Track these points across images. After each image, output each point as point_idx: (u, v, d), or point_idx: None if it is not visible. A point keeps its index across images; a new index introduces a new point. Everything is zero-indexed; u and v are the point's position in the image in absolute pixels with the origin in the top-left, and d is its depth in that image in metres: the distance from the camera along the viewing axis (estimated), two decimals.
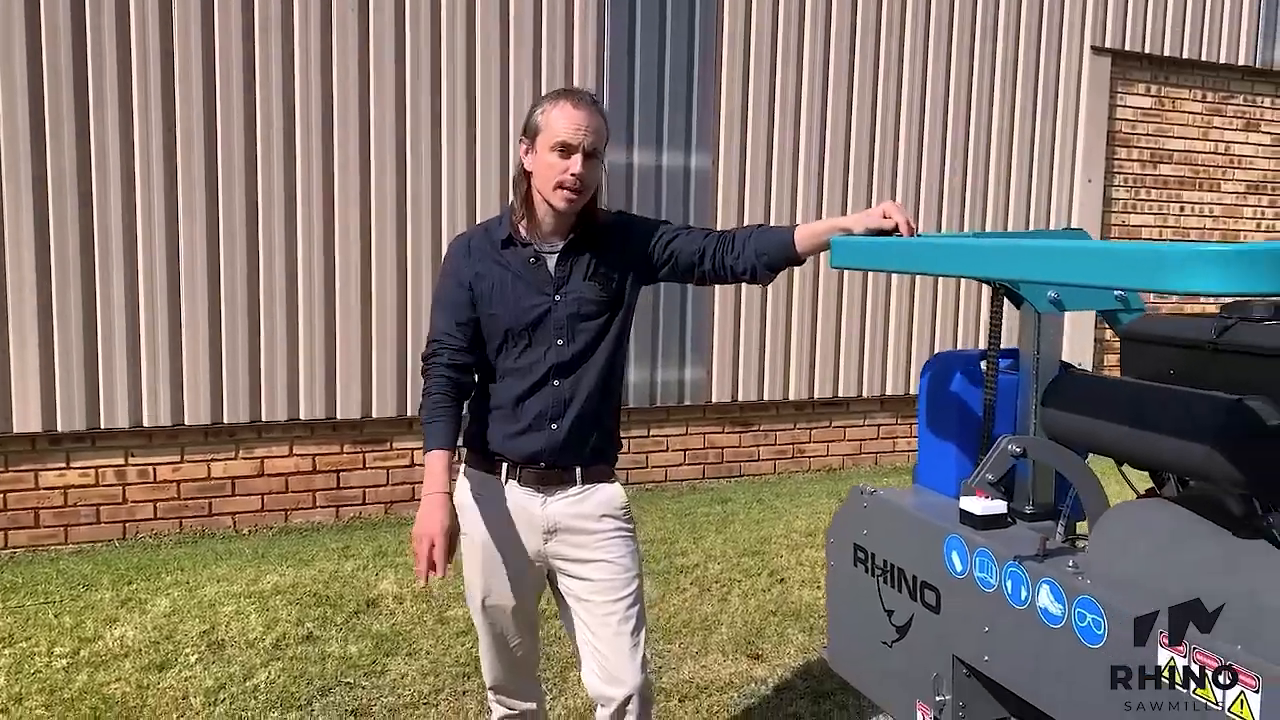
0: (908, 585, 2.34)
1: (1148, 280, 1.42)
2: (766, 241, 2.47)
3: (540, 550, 2.46)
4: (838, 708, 3.57)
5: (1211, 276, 1.33)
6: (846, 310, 6.81)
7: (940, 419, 2.55)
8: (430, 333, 2.49)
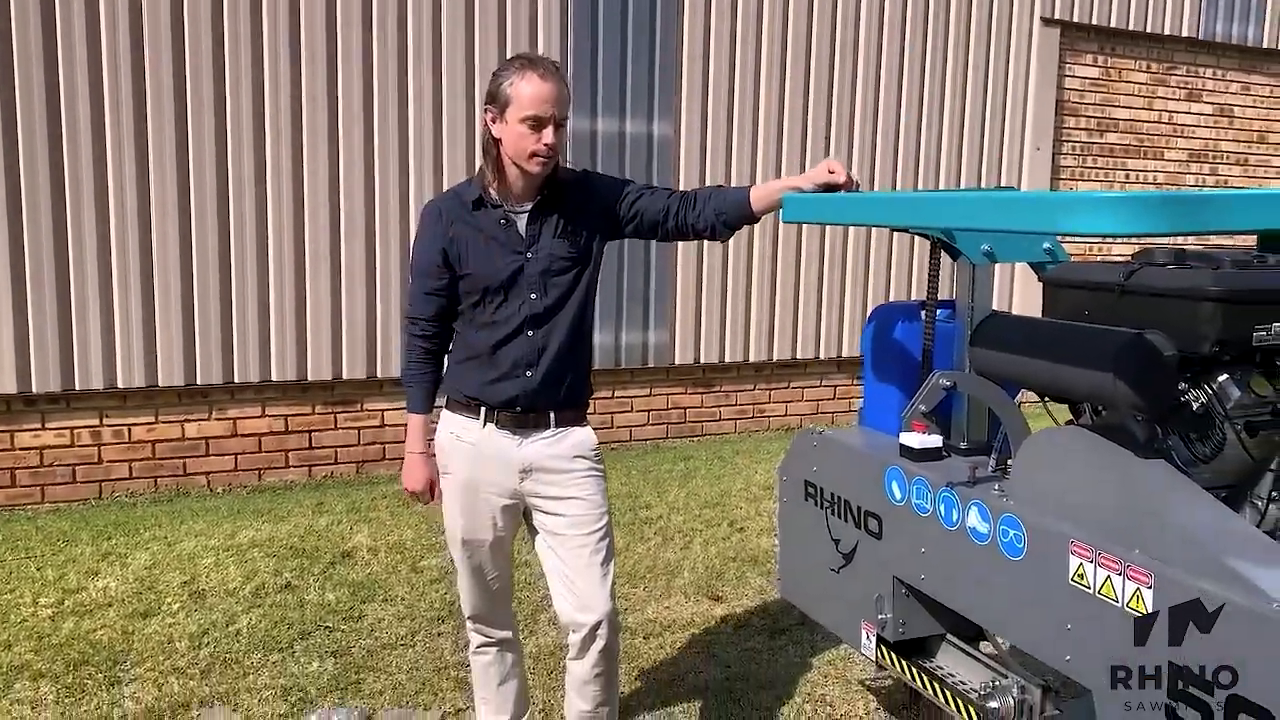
0: (853, 515, 2.54)
1: (1053, 223, 1.62)
2: (724, 201, 2.65)
3: (517, 489, 2.63)
4: (792, 642, 3.79)
5: (1105, 219, 1.53)
6: (804, 275, 7.01)
7: (883, 364, 2.75)
8: (410, 299, 2.70)
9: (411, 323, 2.67)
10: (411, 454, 2.73)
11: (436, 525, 4.96)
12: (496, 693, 2.85)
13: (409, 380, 2.71)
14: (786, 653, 3.72)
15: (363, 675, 3.50)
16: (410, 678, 3.49)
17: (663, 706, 3.33)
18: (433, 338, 2.67)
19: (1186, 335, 1.87)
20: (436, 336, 2.67)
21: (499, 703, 2.86)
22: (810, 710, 3.31)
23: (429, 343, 2.67)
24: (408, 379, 2.71)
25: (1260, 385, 1.89)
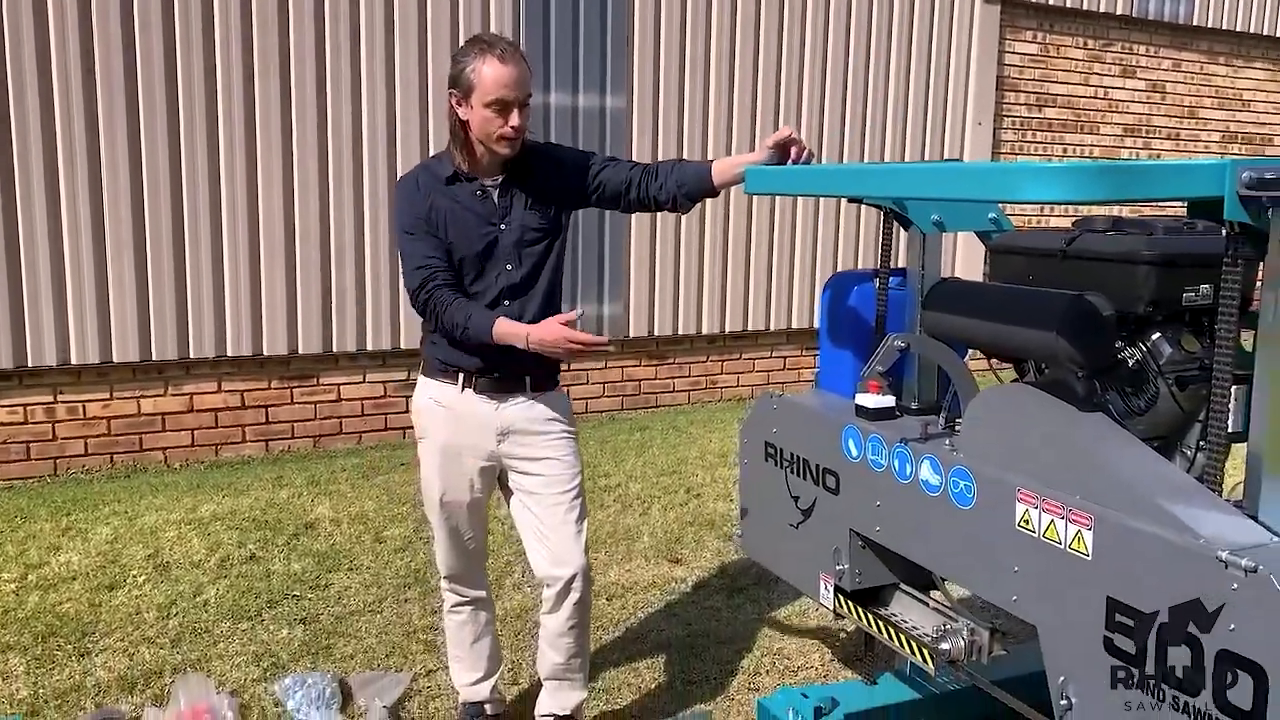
0: (811, 473, 2.67)
1: (1000, 192, 1.75)
2: (686, 174, 2.75)
3: (494, 451, 2.72)
4: (750, 600, 3.94)
5: (1051, 188, 1.65)
6: (754, 249, 7.14)
7: (838, 330, 2.88)
8: (413, 263, 2.61)
9: (428, 280, 2.57)
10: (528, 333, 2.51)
11: (398, 496, 5.04)
12: (470, 651, 2.95)
13: (464, 318, 2.54)
14: (745, 610, 3.86)
15: (333, 641, 3.58)
16: (380, 642, 3.57)
17: (628, 663, 3.46)
18: (455, 285, 2.59)
19: (1123, 297, 2.01)
20: (457, 284, 2.60)
21: (472, 660, 2.96)
22: (769, 663, 3.46)
23: (453, 289, 2.58)
24: (461, 318, 2.54)
25: (1189, 343, 2.05)
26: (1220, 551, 1.63)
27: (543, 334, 2.51)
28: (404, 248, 2.65)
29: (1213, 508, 1.80)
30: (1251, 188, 1.65)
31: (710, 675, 3.38)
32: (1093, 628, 1.85)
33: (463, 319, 2.55)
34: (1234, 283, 1.76)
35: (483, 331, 2.54)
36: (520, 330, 2.53)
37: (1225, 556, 1.62)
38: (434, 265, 2.58)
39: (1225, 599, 1.63)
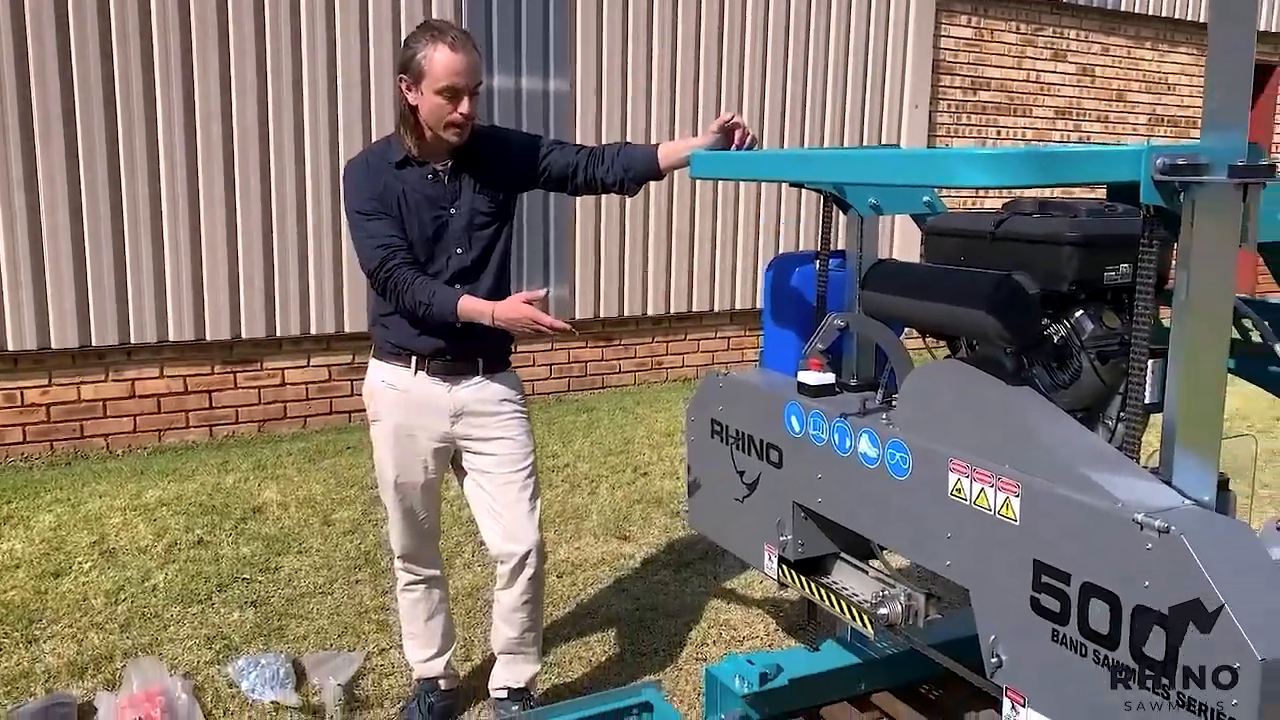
0: (756, 448, 2.76)
1: (934, 177, 1.84)
2: (632, 158, 2.81)
3: (447, 432, 2.77)
4: (697, 575, 4.04)
5: (978, 173, 1.75)
6: (699, 230, 7.22)
7: (781, 310, 2.96)
8: (372, 242, 2.61)
9: (387, 259, 2.58)
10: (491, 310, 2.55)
11: (345, 479, 5.05)
12: (424, 628, 3.00)
13: (426, 296, 2.56)
14: (692, 584, 3.96)
15: (285, 622, 3.60)
16: (332, 623, 3.61)
17: (578, 637, 3.53)
18: (414, 263, 2.60)
19: (1048, 276, 2.12)
20: (416, 262, 2.61)
21: (426, 637, 3.01)
22: (716, 633, 3.56)
23: (414, 266, 2.60)
24: (424, 295, 2.56)
25: (1110, 319, 2.16)
26: (1136, 514, 1.75)
27: (508, 311, 2.54)
28: (360, 228, 2.65)
29: (1131, 474, 1.91)
30: (1165, 173, 1.75)
31: (659, 647, 3.47)
32: (1020, 589, 1.96)
33: (426, 297, 2.56)
34: (1150, 262, 1.87)
35: (447, 310, 2.56)
36: (485, 308, 2.55)
37: (1140, 519, 1.73)
38: (393, 244, 2.59)
39: (1141, 558, 1.74)
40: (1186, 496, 1.86)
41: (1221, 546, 1.71)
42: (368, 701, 3.11)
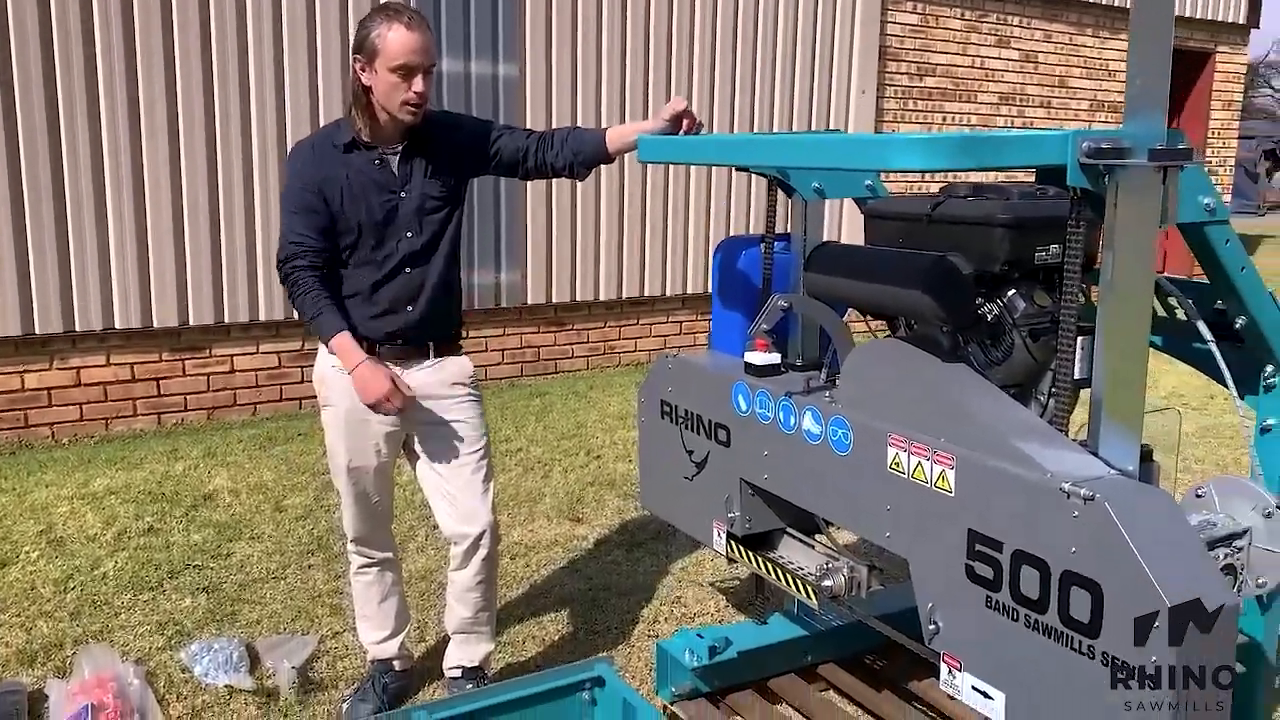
0: (704, 427, 2.81)
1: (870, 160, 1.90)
2: (581, 141, 2.85)
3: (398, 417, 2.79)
4: (649, 554, 4.10)
5: (912, 156, 1.81)
6: (650, 215, 7.26)
7: (728, 293, 3.02)
8: (284, 236, 2.69)
9: (295, 256, 2.65)
10: (359, 367, 2.62)
11: (297, 466, 5.04)
12: (378, 610, 3.02)
13: (315, 309, 2.65)
14: (644, 563, 4.02)
15: (238, 608, 3.60)
16: (285, 607, 3.61)
17: (532, 617, 3.58)
18: (320, 266, 2.67)
19: (981, 257, 2.19)
20: (323, 265, 2.68)
21: (380, 619, 3.03)
22: (667, 611, 3.62)
23: (318, 271, 2.67)
24: (312, 309, 2.65)
25: (1042, 298, 2.24)
26: (1063, 484, 1.83)
27: (366, 379, 2.59)
28: (284, 216, 2.70)
29: (1060, 446, 2.00)
30: (1090, 156, 1.83)
31: (612, 625, 3.52)
32: (956, 558, 2.04)
33: (313, 311, 2.64)
34: (1077, 242, 1.95)
35: (323, 334, 2.64)
36: (353, 358, 2.61)
37: (1067, 488, 1.82)
38: (304, 244, 2.64)
39: (1068, 525, 1.82)
40: (1112, 467, 1.94)
41: (1143, 513, 1.80)
42: (322, 684, 3.13)
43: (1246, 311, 2.19)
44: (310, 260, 2.66)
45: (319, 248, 2.67)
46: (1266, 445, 2.31)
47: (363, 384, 2.61)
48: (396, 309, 2.70)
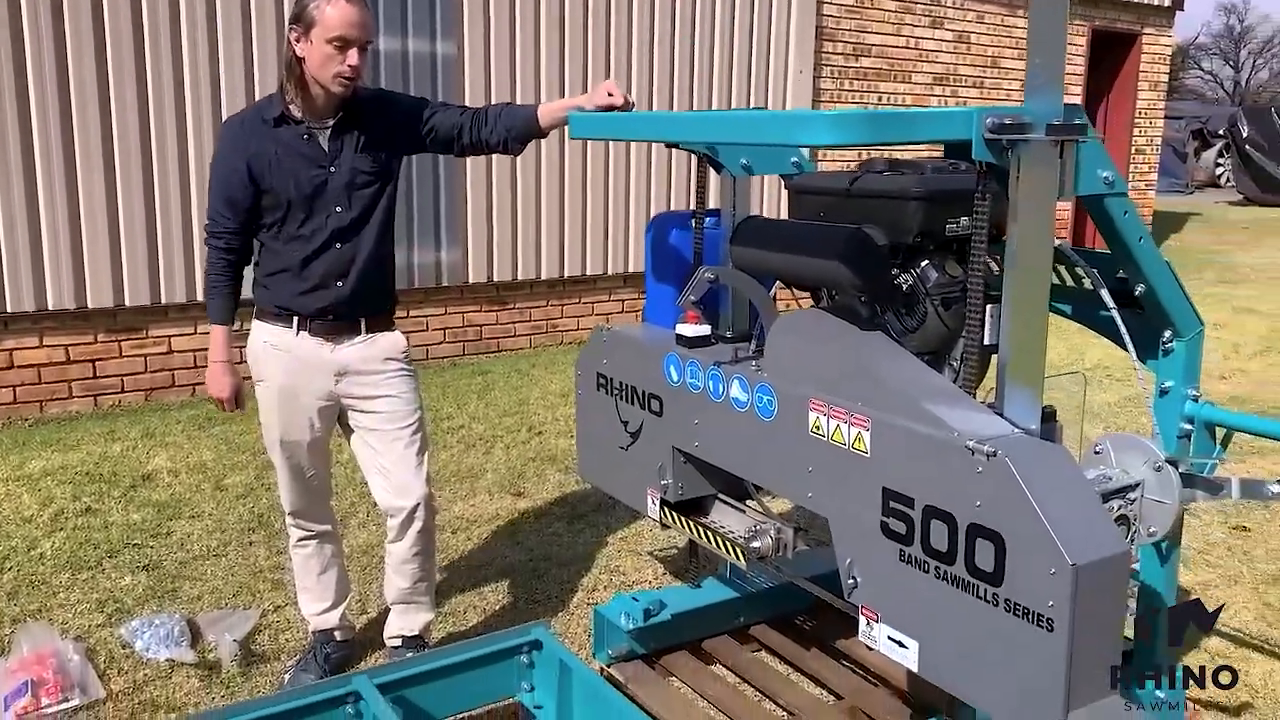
0: (638, 398, 2.89)
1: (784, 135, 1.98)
2: (514, 117, 2.90)
3: (331, 391, 2.83)
4: (589, 526, 4.18)
5: (824, 133, 1.90)
6: (591, 193, 7.31)
7: (661, 267, 3.10)
8: (209, 210, 2.80)
9: (214, 236, 2.77)
10: (215, 363, 2.84)
11: (236, 445, 5.04)
12: (317, 582, 3.07)
13: (211, 292, 2.81)
14: (584, 535, 4.10)
15: (178, 585, 3.62)
16: (227, 583, 3.64)
17: (473, 588, 3.65)
18: (233, 250, 2.78)
19: (895, 229, 2.29)
20: (238, 249, 2.79)
21: (320, 591, 3.08)
22: (606, 579, 3.71)
23: (230, 255, 2.78)
24: (209, 290, 2.82)
25: (953, 268, 2.34)
26: (968, 442, 1.94)
27: (216, 377, 2.84)
28: (210, 189, 2.80)
29: (967, 408, 2.11)
30: (993, 132, 1.93)
31: (552, 594, 3.60)
32: (872, 515, 2.15)
33: (209, 291, 2.83)
34: (983, 214, 2.05)
35: (210, 317, 2.84)
36: (215, 353, 2.84)
37: (972, 445, 1.92)
38: (221, 223, 2.75)
39: (973, 481, 1.93)
40: (1015, 426, 2.06)
41: (1041, 467, 1.91)
42: (264, 656, 3.17)
43: (1145, 280, 2.32)
44: (226, 241, 2.76)
45: (234, 228, 2.76)
46: (1164, 406, 2.46)
47: (211, 378, 2.86)
48: (327, 284, 2.74)
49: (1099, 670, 1.90)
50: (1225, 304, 8.96)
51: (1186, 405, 2.42)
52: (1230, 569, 3.84)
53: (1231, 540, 4.10)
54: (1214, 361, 7.11)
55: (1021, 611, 1.88)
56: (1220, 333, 7.93)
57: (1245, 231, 14.81)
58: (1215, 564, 3.88)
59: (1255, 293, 9.62)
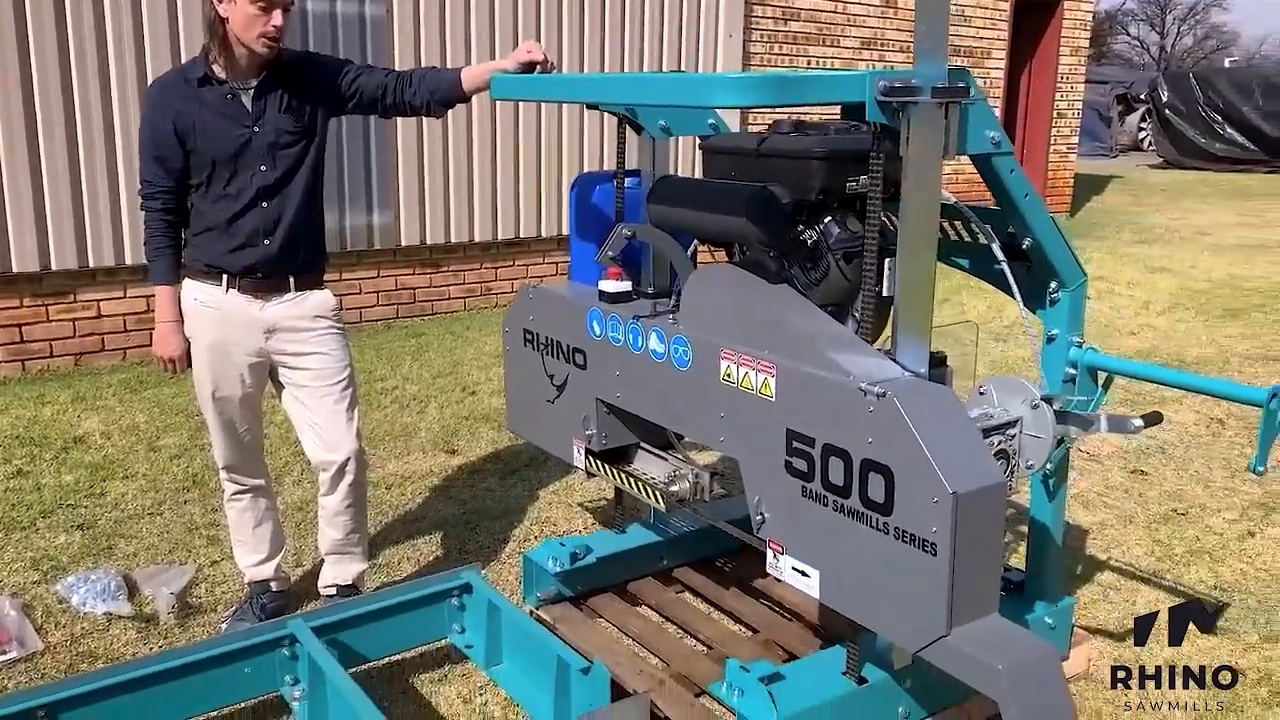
0: (563, 353, 3.01)
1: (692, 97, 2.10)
2: (437, 80, 2.98)
3: (262, 348, 2.90)
4: (521, 480, 4.30)
5: (727, 94, 2.02)
6: (524, 156, 7.35)
7: (584, 226, 3.21)
8: (141, 174, 2.85)
9: (149, 198, 2.82)
10: (162, 324, 2.89)
11: (169, 408, 5.06)
12: (252, 535, 3.15)
13: (152, 254, 2.87)
14: (517, 489, 4.22)
15: (114, 542, 3.67)
16: (163, 540, 3.70)
17: (407, 541, 3.75)
18: (171, 210, 2.83)
19: (799, 187, 2.43)
20: (174, 210, 2.84)
21: (255, 543, 3.16)
22: (537, 530, 3.84)
23: (167, 215, 2.83)
24: (150, 253, 2.87)
25: (854, 224, 2.49)
26: (861, 384, 2.09)
27: (165, 337, 2.90)
28: (140, 155, 2.85)
29: (863, 354, 2.26)
30: (885, 94, 2.06)
31: (484, 545, 3.72)
32: (776, 455, 2.30)
33: (151, 254, 2.88)
34: (878, 171, 2.19)
35: (151, 279, 2.90)
36: (162, 313, 2.89)
37: (864, 387, 2.08)
38: (154, 185, 2.81)
39: (865, 420, 2.09)
40: (906, 370, 2.22)
41: (927, 406, 2.07)
42: (201, 608, 3.25)
43: (1031, 234, 2.49)
44: (163, 203, 2.81)
45: (169, 188, 2.81)
46: (1050, 352, 2.64)
47: (159, 338, 2.91)
48: (254, 242, 2.81)
49: (980, 592, 2.08)
50: (1140, 263, 9.30)
51: (1071, 351, 2.60)
52: (1126, 509, 4.09)
53: (1129, 483, 4.36)
54: (1125, 317, 7.44)
55: (908, 538, 2.05)
56: (1133, 290, 8.26)
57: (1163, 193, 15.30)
58: (1112, 505, 4.13)
59: (1168, 252, 9.99)
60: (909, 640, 2.13)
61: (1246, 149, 18.60)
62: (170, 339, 2.89)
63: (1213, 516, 4.01)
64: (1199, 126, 19.16)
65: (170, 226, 2.85)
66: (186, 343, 2.91)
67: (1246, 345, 6.65)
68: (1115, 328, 7.11)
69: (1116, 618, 3.25)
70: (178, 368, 2.94)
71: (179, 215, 2.86)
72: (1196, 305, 7.80)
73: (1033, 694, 2.00)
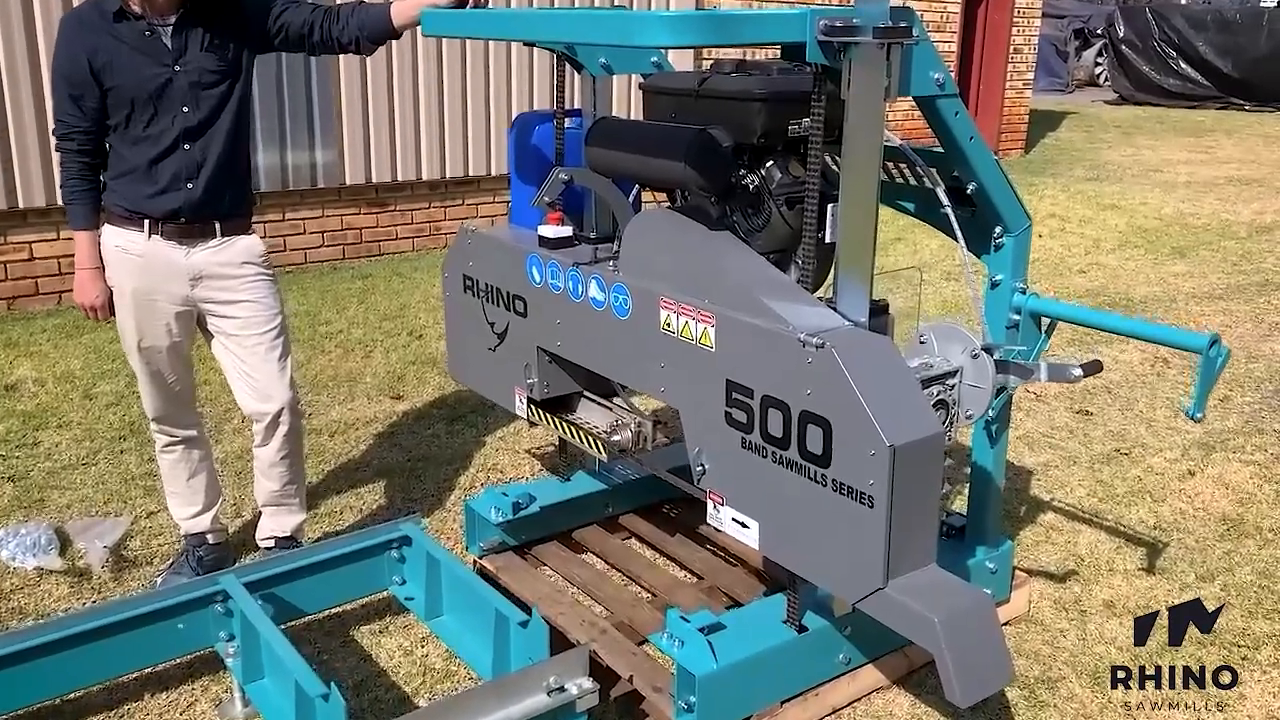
0: (503, 300, 2.94)
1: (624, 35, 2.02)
2: (366, 16, 2.84)
3: (188, 296, 2.80)
4: (469, 426, 4.24)
5: (660, 32, 1.94)
6: (471, 93, 7.16)
7: (524, 168, 3.11)
8: (55, 113, 2.70)
9: (63, 139, 2.68)
10: (82, 270, 2.77)
11: (106, 353, 4.92)
12: (186, 486, 3.07)
13: (69, 198, 2.73)
14: (463, 435, 4.17)
15: (46, 494, 3.58)
16: (97, 491, 3.61)
17: (350, 489, 3.69)
18: (88, 152, 2.70)
19: (740, 129, 2.35)
20: (91, 151, 2.70)
21: (189, 495, 3.08)
22: (484, 477, 3.80)
23: (85, 156, 2.70)
24: (67, 196, 2.73)
25: (796, 169, 2.42)
26: (800, 334, 2.05)
27: (85, 284, 2.78)
28: (53, 93, 2.72)
29: (804, 303, 2.22)
30: (826, 34, 1.99)
31: (429, 493, 3.68)
32: (716, 405, 2.26)
33: (68, 196, 2.75)
34: (819, 114, 2.12)
35: (70, 224, 2.77)
36: (81, 259, 2.77)
37: (803, 337, 2.04)
38: (68, 124, 2.67)
39: (804, 371, 2.05)
40: (847, 319, 2.18)
41: (865, 358, 2.04)
42: (136, 561, 3.18)
43: (976, 178, 2.44)
44: (79, 143, 2.68)
45: (86, 127, 2.67)
46: (994, 298, 2.62)
47: (79, 286, 2.80)
48: (176, 186, 2.69)
49: (917, 543, 2.07)
50: (1091, 201, 9.33)
51: (1014, 297, 2.57)
52: (1070, 450, 4.13)
53: (1074, 424, 4.39)
54: (1076, 255, 7.47)
55: (846, 490, 2.03)
56: (1084, 228, 8.29)
57: (1117, 130, 15.33)
58: (1057, 445, 4.16)
59: (1119, 189, 10.03)
60: (847, 592, 2.12)
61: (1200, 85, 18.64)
62: (90, 286, 2.78)
63: (1155, 456, 4.06)
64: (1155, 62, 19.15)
65: (88, 168, 2.71)
66: (108, 290, 2.79)
67: (1193, 284, 6.71)
68: (1066, 266, 7.14)
69: (1058, 559, 3.28)
70: (100, 316, 2.83)
71: (97, 157, 2.73)
72: (1145, 243, 7.85)
73: (968, 644, 2.01)
